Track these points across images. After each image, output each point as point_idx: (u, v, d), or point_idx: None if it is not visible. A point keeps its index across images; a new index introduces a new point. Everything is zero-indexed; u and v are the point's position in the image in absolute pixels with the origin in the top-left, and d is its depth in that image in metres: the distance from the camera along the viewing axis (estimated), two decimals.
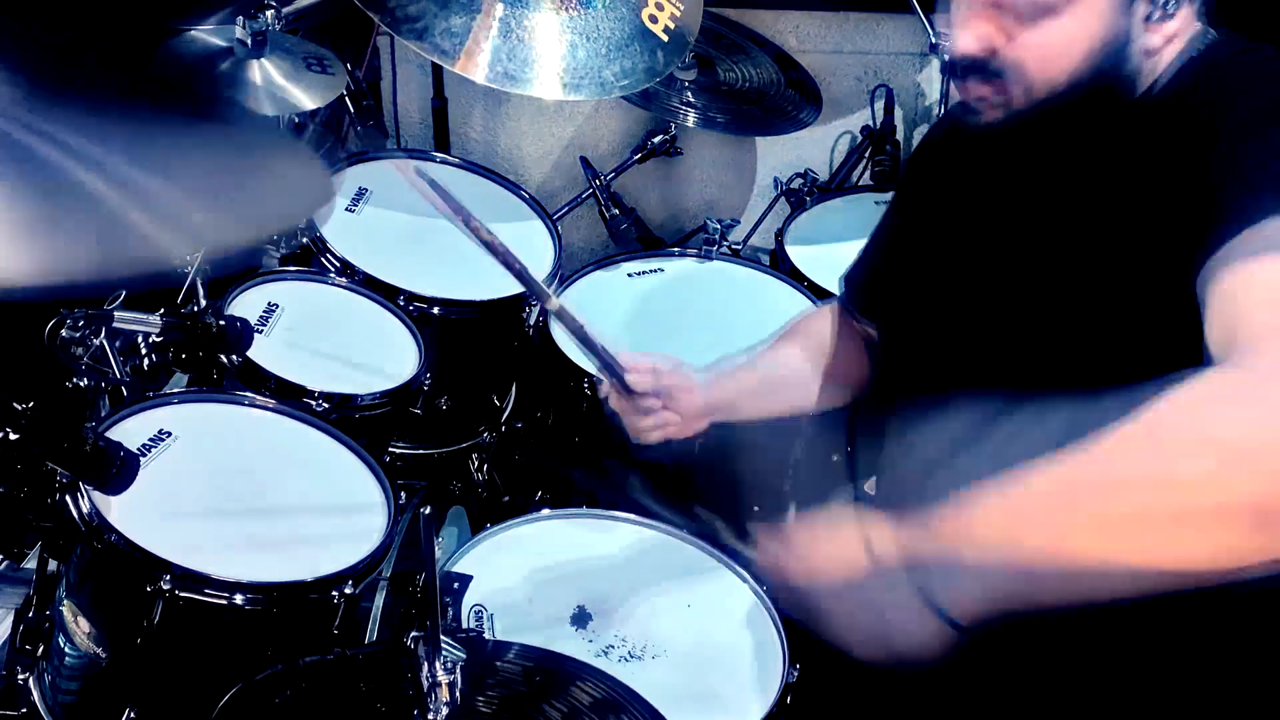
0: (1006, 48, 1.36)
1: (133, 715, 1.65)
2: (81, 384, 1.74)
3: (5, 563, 1.87)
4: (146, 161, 1.27)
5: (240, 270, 2.17)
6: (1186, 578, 1.08)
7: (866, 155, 3.05)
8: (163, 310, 1.80)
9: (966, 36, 1.38)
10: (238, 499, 1.76)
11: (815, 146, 3.24)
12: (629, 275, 2.56)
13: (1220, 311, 1.18)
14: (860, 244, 1.81)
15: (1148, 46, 1.36)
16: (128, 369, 1.76)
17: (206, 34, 2.38)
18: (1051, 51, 1.35)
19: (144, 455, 1.72)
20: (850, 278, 1.81)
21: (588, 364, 2.24)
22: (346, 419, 1.99)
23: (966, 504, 1.18)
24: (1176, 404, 1.09)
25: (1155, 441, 1.09)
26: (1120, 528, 1.10)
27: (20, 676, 1.73)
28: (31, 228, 1.11)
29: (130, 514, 1.62)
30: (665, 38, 2.27)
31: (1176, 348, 1.22)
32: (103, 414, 1.77)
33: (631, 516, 1.93)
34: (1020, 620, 1.22)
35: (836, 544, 1.31)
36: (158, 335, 1.75)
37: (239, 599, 1.61)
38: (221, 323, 1.81)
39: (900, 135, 3.09)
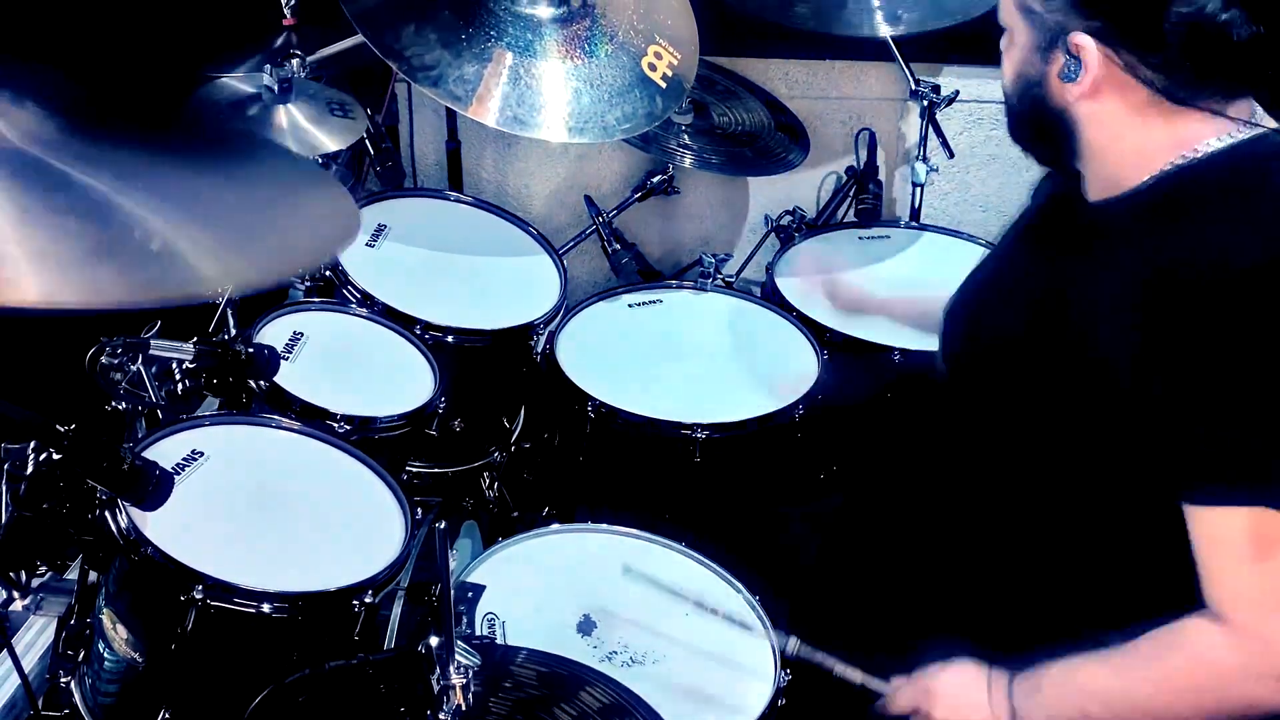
0: None
1: (168, 716, 1.66)
2: (120, 407, 1.74)
3: (49, 573, 1.87)
4: (179, 196, 1.29)
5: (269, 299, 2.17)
6: None
7: (851, 194, 3.07)
8: (195, 339, 1.81)
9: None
10: (265, 514, 1.77)
11: (803, 186, 3.25)
12: (630, 306, 2.58)
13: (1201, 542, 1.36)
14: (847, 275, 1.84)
15: (1065, 100, 1.43)
16: (163, 393, 1.76)
17: (236, 81, 2.41)
18: (1006, 62, 1.51)
19: (178, 474, 1.74)
20: None
21: (592, 390, 2.26)
22: (366, 440, 2.00)
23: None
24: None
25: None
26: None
27: (63, 680, 1.74)
28: (78, 255, 1.12)
29: (165, 528, 1.63)
30: (663, 85, 2.29)
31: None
32: (139, 435, 1.79)
33: (632, 531, 1.94)
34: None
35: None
36: (191, 362, 1.76)
37: (266, 607, 1.62)
38: (250, 350, 1.81)
39: (882, 176, 3.11)
